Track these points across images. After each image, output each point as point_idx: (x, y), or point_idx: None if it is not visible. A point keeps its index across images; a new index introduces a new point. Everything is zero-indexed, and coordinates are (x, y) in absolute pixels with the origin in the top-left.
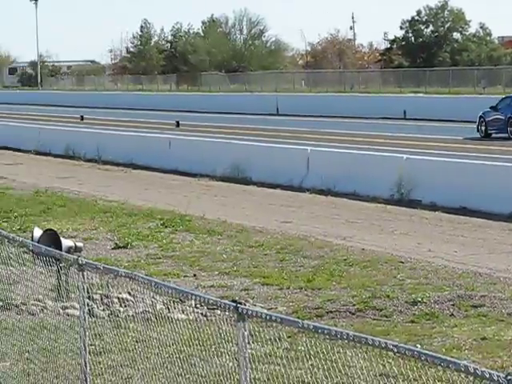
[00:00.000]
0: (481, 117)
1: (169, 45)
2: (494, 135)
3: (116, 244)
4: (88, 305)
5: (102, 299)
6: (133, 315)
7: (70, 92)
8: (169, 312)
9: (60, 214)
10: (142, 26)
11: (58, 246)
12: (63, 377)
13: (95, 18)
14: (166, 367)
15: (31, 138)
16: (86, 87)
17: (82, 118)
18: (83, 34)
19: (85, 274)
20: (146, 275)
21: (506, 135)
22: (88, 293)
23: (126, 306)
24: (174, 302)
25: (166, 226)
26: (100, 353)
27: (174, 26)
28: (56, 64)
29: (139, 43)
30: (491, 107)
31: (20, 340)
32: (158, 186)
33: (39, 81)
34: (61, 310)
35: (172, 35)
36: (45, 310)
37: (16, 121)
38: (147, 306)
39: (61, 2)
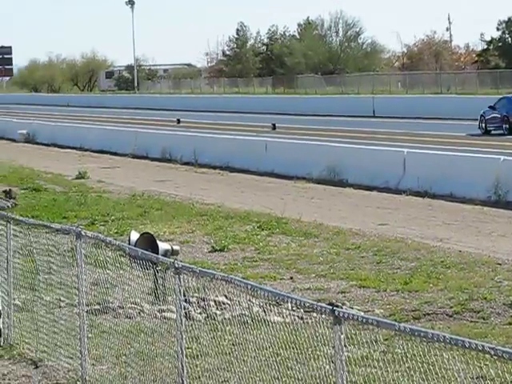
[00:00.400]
0: (481, 115)
1: (265, 47)
2: (492, 132)
3: (213, 247)
4: (185, 308)
5: (198, 302)
6: (229, 318)
7: (167, 95)
8: (265, 315)
9: (157, 217)
10: (238, 29)
11: (155, 249)
12: (160, 380)
13: (191, 21)
14: (263, 370)
15: (128, 142)
16: (182, 90)
17: (178, 121)
18: (179, 38)
19: (181, 277)
20: (243, 278)
21: (502, 132)
22: (185, 296)
23: (222, 309)
24: (270, 304)
25: (262, 229)
26: (197, 356)
27: (269, 29)
28: (152, 68)
29: (235, 46)
30: (490, 106)
31: (117, 343)
32: (254, 188)
33: (136, 84)
34: (158, 313)
35: (268, 38)
36: (142, 314)
37: (113, 124)
38: (244, 308)
39: (157, 5)
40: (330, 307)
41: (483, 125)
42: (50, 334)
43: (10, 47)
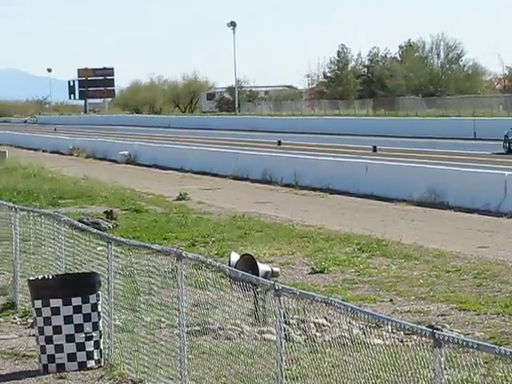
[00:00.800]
0: (505, 135)
1: (366, 69)
2: None
3: (313, 269)
4: (285, 329)
5: (298, 324)
6: (329, 340)
7: (268, 117)
8: (365, 337)
9: (257, 238)
10: (339, 51)
11: (255, 270)
12: None
13: (292, 43)
14: None
15: (229, 163)
16: (282, 112)
17: (279, 142)
18: (280, 60)
19: (282, 299)
20: (343, 300)
21: None
22: (284, 317)
23: (322, 331)
24: (370, 326)
25: (362, 251)
26: (296, 378)
27: (370, 51)
28: (253, 89)
29: (336, 68)
30: None
31: (217, 365)
32: (354, 210)
33: (237, 106)
34: (258, 335)
35: (369, 60)
36: (242, 335)
37: (214, 146)
38: (343, 330)
39: (258, 28)
40: (431, 330)
41: (507, 144)
42: (150, 354)
43: (112, 69)
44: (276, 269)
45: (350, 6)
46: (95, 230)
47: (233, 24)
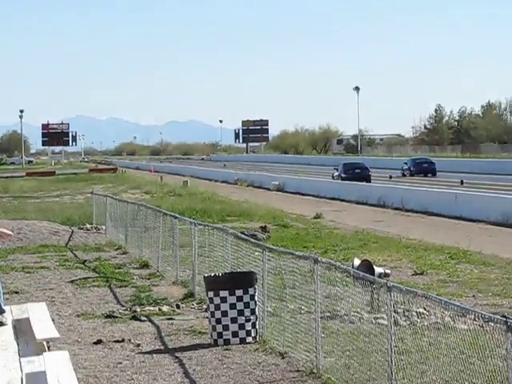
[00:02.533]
0: None
1: (456, 123)
2: None
3: (415, 271)
4: (393, 316)
5: (404, 313)
6: (427, 325)
7: (382, 158)
8: (454, 323)
9: (373, 248)
10: (436, 109)
11: (372, 272)
12: (374, 370)
13: (401, 100)
14: (452, 365)
15: (352, 191)
16: (393, 154)
17: (390, 177)
18: (392, 114)
19: (391, 293)
20: (437, 295)
21: None
22: (394, 307)
23: (422, 318)
24: (457, 315)
25: (452, 259)
26: (402, 352)
27: (460, 109)
28: (371, 136)
29: (434, 121)
30: None
31: (342, 341)
32: (446, 228)
33: (359, 149)
34: (373, 320)
35: (458, 115)
36: (361, 320)
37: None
38: (438, 318)
39: (377, 90)
40: (504, 319)
41: None
42: (292, 333)
43: (267, 120)
44: (387, 271)
45: (440, 71)
46: (253, 240)
47: (357, 88)
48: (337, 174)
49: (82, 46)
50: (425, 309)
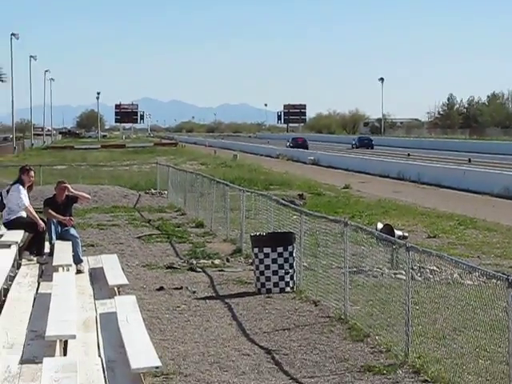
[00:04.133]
0: None
1: (465, 110)
2: None
3: (428, 235)
4: (410, 272)
5: (419, 269)
6: (438, 280)
7: (401, 138)
8: (461, 279)
9: (394, 214)
10: (448, 98)
11: (393, 234)
12: (393, 317)
13: (419, 91)
14: (459, 314)
15: (375, 166)
16: (411, 136)
17: (408, 154)
18: (411, 101)
19: (410, 253)
20: (449, 255)
21: None
22: (411, 265)
23: (434, 275)
24: (465, 273)
25: (460, 225)
26: (417, 303)
27: (469, 98)
28: (393, 120)
29: (446, 108)
30: None
31: (366, 292)
32: (456, 199)
33: (382, 131)
34: (393, 275)
35: (467, 103)
36: (383, 275)
37: (368, 155)
38: (448, 275)
39: (400, 80)
40: (505, 276)
41: None
42: (324, 285)
43: (305, 105)
44: (406, 234)
45: (453, 62)
46: (292, 206)
47: (381, 79)
48: (288, 144)
49: (146, 37)
50: (437, 267)
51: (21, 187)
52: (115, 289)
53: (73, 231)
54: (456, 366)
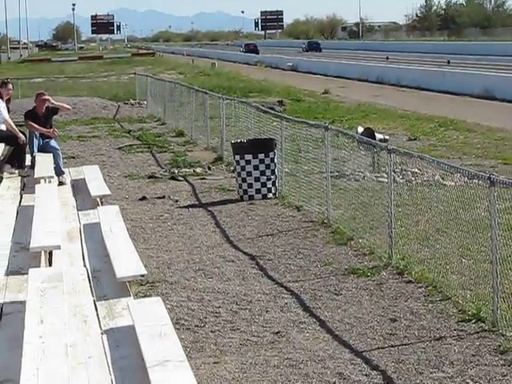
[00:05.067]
0: None
1: (443, 11)
2: None
3: (409, 137)
4: (392, 175)
5: (401, 172)
6: (420, 182)
7: (379, 42)
8: (443, 180)
9: (374, 118)
10: (426, 0)
11: (373, 138)
12: (376, 220)
13: None
14: (441, 214)
15: (354, 70)
16: (389, 39)
17: (387, 58)
18: (389, 4)
19: (391, 155)
20: (430, 156)
21: None
22: (392, 167)
23: (416, 177)
24: (446, 174)
25: (441, 126)
26: (399, 205)
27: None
28: (371, 24)
29: (424, 11)
30: None
31: (349, 197)
32: (435, 101)
33: (360, 35)
34: (375, 178)
35: (445, 5)
36: (365, 178)
37: (345, 59)
38: (429, 176)
39: None
40: (488, 175)
41: None
42: (306, 190)
43: (282, 11)
44: (386, 137)
45: None
46: (273, 112)
47: None
48: (241, 49)
49: None
50: (418, 169)
51: None
52: (98, 199)
53: (53, 143)
54: (439, 266)
